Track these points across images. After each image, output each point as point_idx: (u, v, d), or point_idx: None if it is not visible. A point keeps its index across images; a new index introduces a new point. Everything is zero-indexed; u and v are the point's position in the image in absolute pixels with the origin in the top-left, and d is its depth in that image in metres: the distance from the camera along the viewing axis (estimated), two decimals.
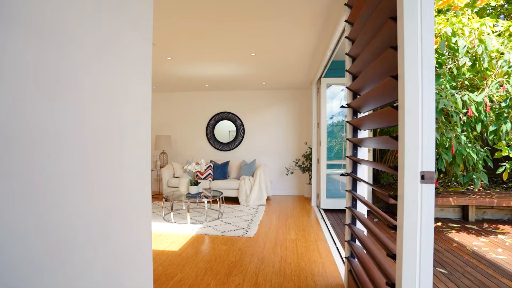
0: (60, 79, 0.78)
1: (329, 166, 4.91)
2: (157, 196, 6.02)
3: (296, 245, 3.05)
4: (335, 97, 5.18)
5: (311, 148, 5.79)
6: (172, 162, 6.15)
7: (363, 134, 2.01)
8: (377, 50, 1.46)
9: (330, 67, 4.41)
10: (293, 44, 3.32)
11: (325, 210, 4.69)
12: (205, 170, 5.64)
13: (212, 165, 5.71)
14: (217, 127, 6.44)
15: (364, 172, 2.03)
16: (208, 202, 3.93)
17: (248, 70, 4.56)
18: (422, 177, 1.08)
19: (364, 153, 2.03)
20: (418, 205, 1.09)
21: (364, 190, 2.03)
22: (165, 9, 2.46)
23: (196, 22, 2.72)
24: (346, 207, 2.09)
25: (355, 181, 2.04)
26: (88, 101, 0.89)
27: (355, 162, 2.01)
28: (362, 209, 2.04)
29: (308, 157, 5.73)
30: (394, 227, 1.19)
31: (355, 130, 2.02)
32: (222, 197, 4.44)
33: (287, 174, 5.91)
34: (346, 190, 2.09)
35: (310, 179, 5.81)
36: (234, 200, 5.50)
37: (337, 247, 3.00)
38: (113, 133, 1.00)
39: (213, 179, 5.62)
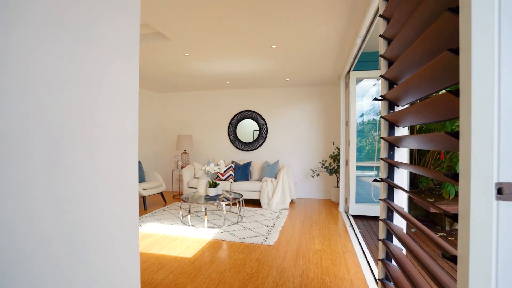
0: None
1: (359, 168, 4.50)
2: (178, 196, 5.95)
3: (321, 257, 2.73)
4: (365, 95, 4.75)
5: (339, 149, 5.39)
6: (193, 162, 6.05)
7: (401, 131, 1.66)
8: (424, 22, 1.13)
9: (359, 59, 4.02)
10: (317, 32, 2.99)
11: (354, 217, 4.29)
12: (226, 171, 5.46)
13: (233, 166, 5.52)
14: (239, 126, 6.24)
15: (403, 177, 1.68)
16: (227, 205, 3.73)
17: (270, 65, 4.29)
18: (499, 191, 0.75)
19: (402, 154, 1.68)
20: (492, 230, 0.75)
21: (402, 199, 1.68)
22: (179, 1, 2.28)
23: (211, 12, 2.51)
24: (380, 219, 1.75)
25: (391, 188, 1.70)
26: (41, 91, 0.67)
27: (392, 166, 1.67)
28: (399, 221, 1.69)
29: (335, 158, 5.34)
30: (453, 258, 0.86)
31: (391, 127, 1.67)
32: (242, 200, 4.21)
33: (312, 176, 5.55)
34: (380, 199, 1.75)
35: (338, 182, 5.41)
36: (256, 203, 5.26)
37: (368, 262, 2.64)
38: (76, 130, 0.79)
39: (234, 181, 5.42)
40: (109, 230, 0.92)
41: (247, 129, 6.20)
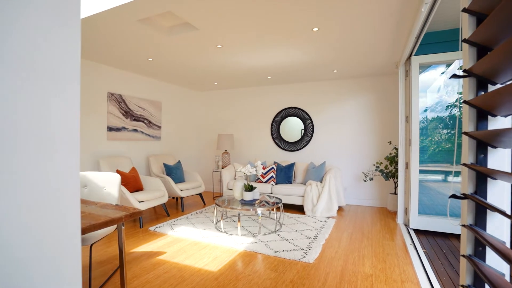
0: None
1: (421, 172, 3.71)
2: (219, 197, 5.77)
3: (372, 285, 2.18)
4: (429, 88, 3.92)
5: (396, 149, 4.61)
6: (234, 162, 5.81)
7: (500, 123, 1.08)
8: None
9: (423, 41, 3.29)
10: (368, 6, 2.42)
11: (417, 232, 3.54)
12: (267, 172, 5.09)
13: (275, 168, 5.12)
14: (282, 124, 5.81)
15: (502, 193, 1.10)
16: (267, 210, 3.36)
17: (313, 54, 3.78)
18: None
19: (502, 159, 1.10)
20: None
21: (502, 228, 1.10)
22: None
23: None
24: (463, 255, 1.18)
25: (481, 209, 1.13)
26: None
27: (483, 175, 1.10)
28: (496, 262, 1.11)
29: (392, 160, 4.56)
30: None
31: (481, 116, 1.10)
32: (281, 206, 3.79)
33: (365, 181, 4.85)
34: (463, 225, 1.18)
35: (396, 188, 4.63)
36: (299, 209, 4.78)
37: None
38: None
39: (276, 183, 5.02)
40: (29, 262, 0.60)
41: (291, 128, 5.74)
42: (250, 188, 3.75)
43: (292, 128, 5.73)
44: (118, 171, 3.97)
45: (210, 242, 3.13)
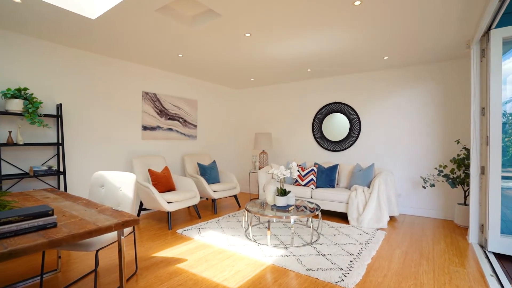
0: None
1: (504, 178, 2.89)
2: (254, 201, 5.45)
3: None
4: (509, 77, 3.04)
5: (467, 150, 3.76)
6: (272, 163, 5.44)
7: None
8: None
9: (509, 8, 2.55)
10: None
11: (500, 257, 2.74)
12: (306, 175, 4.61)
13: (315, 169, 4.62)
14: (325, 122, 5.26)
15: None
16: (304, 217, 2.93)
17: (357, 38, 3.23)
18: None
19: None
20: None
21: None
22: None
23: None
24: None
25: None
26: None
27: None
28: None
29: (461, 162, 3.73)
30: None
31: None
32: (319, 213, 3.31)
33: (424, 187, 4.06)
34: None
35: (466, 197, 3.79)
36: (342, 217, 4.22)
37: None
38: None
39: (316, 187, 4.52)
40: None
41: (335, 125, 5.16)
42: (284, 193, 3.35)
43: (336, 125, 5.14)
44: (149, 171, 3.90)
45: (236, 252, 2.81)
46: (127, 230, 2.17)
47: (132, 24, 2.81)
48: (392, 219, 4.11)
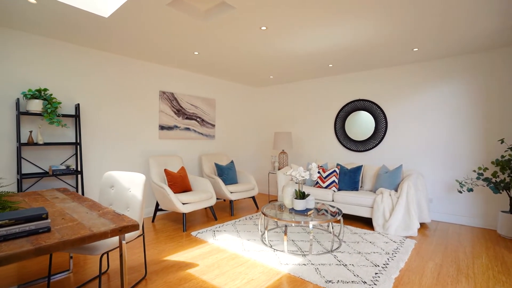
0: None
1: None
2: (274, 202, 5.27)
3: None
4: None
5: None
6: (292, 163, 5.23)
7: None
8: None
9: None
10: None
11: None
12: (327, 176, 4.36)
13: (337, 171, 4.35)
14: (348, 120, 4.96)
15: None
16: (328, 221, 2.70)
17: (382, 27, 2.95)
18: None
19: None
20: None
21: None
22: None
23: None
24: None
25: None
26: None
27: None
28: None
29: (506, 165, 3.31)
30: None
31: None
32: (341, 218, 3.07)
33: (460, 192, 3.66)
34: None
35: None
36: (367, 223, 3.93)
37: None
38: None
39: (338, 190, 4.25)
40: None
41: (359, 124, 4.85)
42: (302, 196, 3.14)
43: (360, 124, 4.83)
44: (165, 171, 3.85)
45: (250, 258, 2.66)
46: (135, 233, 2.09)
47: (145, 20, 2.75)
48: (423, 226, 3.76)
